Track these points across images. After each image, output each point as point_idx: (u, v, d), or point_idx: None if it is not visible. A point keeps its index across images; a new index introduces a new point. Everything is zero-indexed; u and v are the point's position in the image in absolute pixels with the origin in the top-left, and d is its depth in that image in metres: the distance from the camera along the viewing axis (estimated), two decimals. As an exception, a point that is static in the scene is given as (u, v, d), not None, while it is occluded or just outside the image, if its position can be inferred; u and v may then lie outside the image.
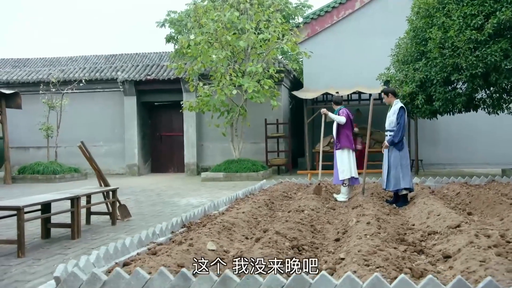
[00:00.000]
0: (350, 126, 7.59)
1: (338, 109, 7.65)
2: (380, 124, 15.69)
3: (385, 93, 7.30)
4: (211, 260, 3.96)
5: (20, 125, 16.50)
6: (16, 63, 27.38)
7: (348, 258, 3.46)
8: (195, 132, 15.67)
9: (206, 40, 12.71)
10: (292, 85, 17.09)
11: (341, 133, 7.51)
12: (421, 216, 5.55)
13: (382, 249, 3.60)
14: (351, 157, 7.49)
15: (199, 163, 15.98)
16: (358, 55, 15.69)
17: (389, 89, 7.37)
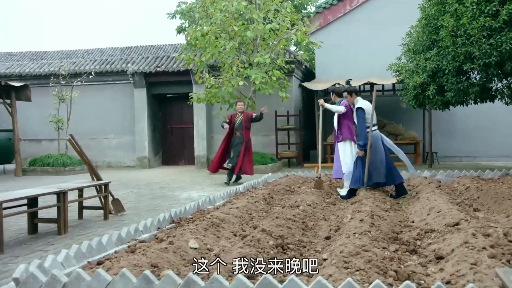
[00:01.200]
0: (351, 117, 7.32)
1: (339, 101, 7.39)
2: (393, 116, 15.37)
3: (348, 93, 7.14)
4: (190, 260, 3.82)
5: (33, 117, 16.58)
6: (34, 56, 27.64)
7: (329, 260, 3.24)
8: (205, 125, 15.52)
9: (214, 31, 12.48)
10: (304, 76, 16.79)
11: (343, 125, 7.26)
12: (421, 213, 5.29)
13: (367, 249, 3.37)
14: (354, 149, 7.23)
15: (209, 156, 15.80)
16: (372, 45, 15.31)
17: (351, 89, 7.17)
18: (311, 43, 13.56)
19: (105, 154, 16.74)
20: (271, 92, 12.67)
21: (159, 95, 16.53)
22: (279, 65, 12.70)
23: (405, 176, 8.26)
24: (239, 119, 10.50)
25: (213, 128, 15.79)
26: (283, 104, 14.47)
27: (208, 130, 15.71)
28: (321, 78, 15.70)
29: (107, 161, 16.74)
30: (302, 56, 14.36)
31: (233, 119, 10.53)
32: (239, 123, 10.47)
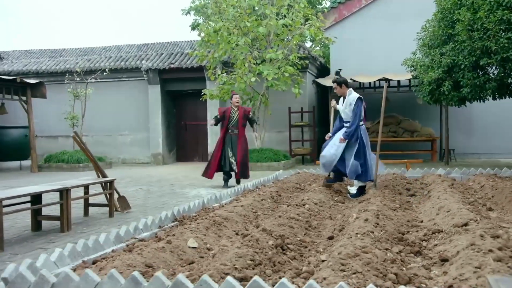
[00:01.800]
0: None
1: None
2: (409, 112, 15.10)
3: (337, 84, 6.85)
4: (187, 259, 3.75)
5: (50, 114, 16.73)
6: (52, 54, 27.92)
7: (326, 261, 3.14)
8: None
9: (226, 27, 12.40)
10: (318, 72, 16.60)
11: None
12: (431, 212, 5.13)
13: (367, 251, 3.25)
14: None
15: (223, 152, 15.78)
16: (387, 40, 15.06)
17: (341, 79, 6.88)
18: (325, 39, 13.38)
19: (120, 151, 16.83)
20: (284, 88, 12.56)
21: (173, 92, 16.53)
22: (292, 61, 12.57)
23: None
24: (235, 115, 9.08)
25: (227, 125, 15.70)
26: (296, 100, 14.33)
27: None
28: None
29: (121, 157, 16.82)
30: (316, 52, 14.19)
31: (227, 114, 9.12)
32: (235, 119, 9.08)
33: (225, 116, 9.08)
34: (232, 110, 9.09)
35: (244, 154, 9.04)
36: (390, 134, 14.62)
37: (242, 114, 9.10)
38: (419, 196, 6.74)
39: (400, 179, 8.12)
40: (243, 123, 9.13)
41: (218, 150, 9.09)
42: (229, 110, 9.12)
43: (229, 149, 8.97)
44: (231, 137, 9.08)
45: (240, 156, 8.92)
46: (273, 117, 14.51)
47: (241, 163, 8.96)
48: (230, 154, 8.93)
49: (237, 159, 8.91)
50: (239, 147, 8.97)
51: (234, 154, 8.94)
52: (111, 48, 27.52)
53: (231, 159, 8.93)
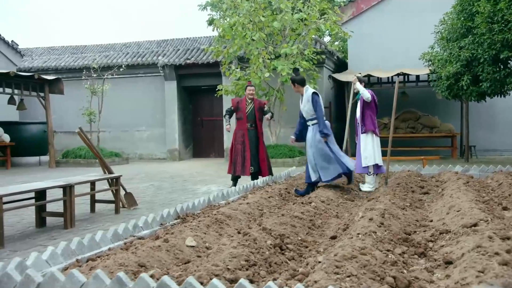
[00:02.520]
0: (375, 108, 6.98)
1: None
2: (428, 108, 14.77)
3: (292, 83, 6.73)
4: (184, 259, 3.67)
5: (69, 110, 16.90)
6: (74, 50, 28.22)
7: (321, 263, 3.02)
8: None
9: (241, 22, 12.29)
10: (336, 67, 16.37)
11: (366, 115, 6.91)
12: (441, 211, 4.95)
13: (365, 252, 3.12)
14: (375, 142, 6.90)
15: (239, 148, 15.72)
16: (406, 34, 14.74)
17: (297, 78, 6.69)
18: (342, 33, 13.16)
19: (137, 147, 16.91)
20: (299, 83, 12.37)
21: (190, 87, 16.51)
22: (308, 56, 12.40)
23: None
24: (250, 107, 8.29)
25: (243, 121, 15.63)
26: (313, 96, 14.11)
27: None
28: (354, 69, 15.25)
29: (138, 153, 16.91)
30: (333, 46, 13.97)
31: (242, 106, 8.35)
32: (250, 112, 8.27)
33: (239, 107, 8.35)
34: (247, 102, 8.34)
35: (265, 152, 8.40)
36: (409, 130, 14.33)
37: (258, 107, 8.33)
38: (432, 194, 6.54)
39: (414, 176, 7.91)
40: (259, 116, 8.32)
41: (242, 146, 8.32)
42: (244, 101, 8.37)
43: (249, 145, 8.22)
44: (249, 131, 8.29)
45: (263, 154, 8.31)
46: (289, 113, 14.35)
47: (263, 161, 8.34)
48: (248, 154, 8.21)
49: (260, 156, 8.28)
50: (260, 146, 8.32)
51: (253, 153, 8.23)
52: (131, 44, 27.63)
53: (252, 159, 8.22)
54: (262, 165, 8.24)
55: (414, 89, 14.66)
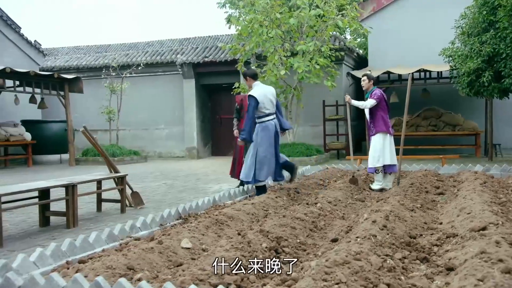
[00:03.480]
0: (386, 107, 6.77)
1: (371, 90, 6.84)
2: (451, 105, 14.37)
3: (244, 77, 6.59)
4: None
5: (90, 108, 17.06)
6: (99, 49, 28.57)
7: (310, 269, 2.88)
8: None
9: (258, 19, 12.16)
10: (356, 64, 16.09)
11: (376, 116, 6.70)
12: (452, 213, 4.75)
13: (359, 258, 2.97)
14: (387, 143, 6.67)
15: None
16: (428, 29, 14.36)
17: (248, 72, 6.55)
18: (360, 28, 12.91)
19: (156, 145, 16.98)
20: (316, 81, 12.19)
21: (208, 86, 16.48)
22: (327, 53, 12.20)
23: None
24: None
25: (261, 119, 15.52)
26: (331, 93, 13.92)
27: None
28: (374, 65, 14.96)
29: (158, 151, 16.97)
30: (354, 44, 13.72)
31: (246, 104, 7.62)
32: None
33: (244, 105, 7.87)
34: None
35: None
36: (430, 128, 13.96)
37: None
38: (448, 195, 6.31)
39: (431, 176, 7.67)
40: None
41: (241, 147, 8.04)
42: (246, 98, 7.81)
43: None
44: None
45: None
46: (307, 111, 14.19)
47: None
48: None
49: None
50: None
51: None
52: (154, 43, 27.82)
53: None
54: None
55: (435, 86, 14.29)
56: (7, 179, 10.09)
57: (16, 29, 16.35)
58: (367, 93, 6.85)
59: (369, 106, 6.62)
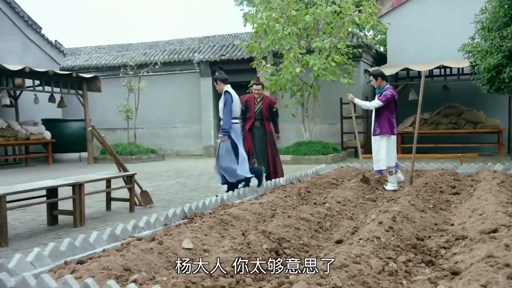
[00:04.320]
0: (394, 108, 6.61)
1: (383, 86, 6.68)
2: (472, 102, 14.02)
3: (214, 81, 6.81)
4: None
5: (109, 107, 17.21)
6: (120, 49, 28.84)
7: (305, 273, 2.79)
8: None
9: (273, 17, 12.07)
10: (374, 61, 15.86)
11: (382, 116, 6.55)
12: (465, 214, 4.59)
13: (359, 261, 2.88)
14: (391, 144, 6.57)
15: (274, 145, 15.55)
16: (448, 25, 14.05)
17: (219, 76, 6.78)
18: (378, 24, 12.69)
19: (174, 143, 17.04)
20: (332, 78, 12.04)
21: (225, 84, 16.42)
22: (345, 50, 12.04)
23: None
24: (259, 106, 7.74)
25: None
26: (349, 91, 13.66)
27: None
28: (393, 62, 14.71)
29: (175, 150, 17.03)
30: (374, 41, 13.51)
31: (250, 104, 7.82)
32: (259, 111, 7.73)
33: (248, 106, 7.78)
34: (255, 100, 7.81)
35: (274, 152, 7.84)
36: (451, 126, 13.65)
37: (266, 105, 7.74)
38: (463, 195, 6.13)
39: (448, 175, 7.48)
40: (268, 115, 7.76)
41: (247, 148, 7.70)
42: (252, 100, 7.85)
43: (255, 145, 7.71)
44: (254, 130, 7.74)
45: (270, 155, 7.75)
46: (324, 109, 14.03)
47: (273, 162, 7.78)
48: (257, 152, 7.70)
49: (268, 158, 7.72)
50: (268, 146, 7.73)
51: (261, 152, 7.71)
52: (174, 41, 27.93)
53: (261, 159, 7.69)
54: (271, 166, 7.75)
55: (456, 83, 13.97)
56: (25, 177, 10.23)
57: (37, 29, 16.58)
58: (377, 90, 6.69)
59: (374, 107, 6.49)
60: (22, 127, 14.20)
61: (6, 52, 15.10)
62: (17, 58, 15.33)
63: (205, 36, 27.70)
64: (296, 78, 12.38)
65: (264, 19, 12.35)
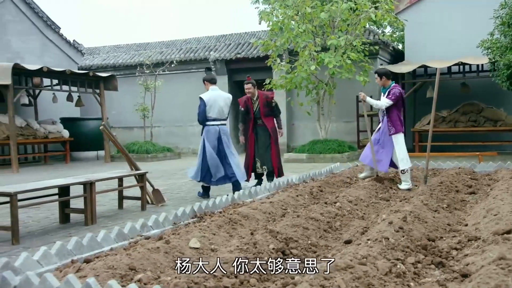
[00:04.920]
0: (401, 106, 6.55)
1: (389, 85, 6.61)
2: (493, 100, 13.74)
3: (203, 81, 7.17)
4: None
5: (126, 106, 17.35)
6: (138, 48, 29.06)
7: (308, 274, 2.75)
8: (285, 111, 15.09)
9: (288, 15, 12.00)
10: (392, 58, 15.67)
11: (394, 115, 6.48)
12: (479, 214, 4.48)
13: (366, 262, 2.82)
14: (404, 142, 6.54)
15: (290, 143, 15.48)
16: (467, 21, 13.80)
17: (206, 77, 7.20)
18: (395, 21, 12.53)
19: (190, 141, 17.09)
20: (348, 76, 11.92)
21: (241, 82, 16.35)
22: (361, 47, 11.91)
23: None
24: (256, 105, 7.64)
25: (294, 115, 15.40)
26: (365, 88, 13.52)
27: (288, 117, 15.35)
28: (411, 59, 14.52)
29: (191, 148, 17.08)
30: (386, 37, 13.34)
31: (249, 104, 7.74)
32: (257, 109, 7.64)
33: (248, 108, 7.72)
34: (252, 100, 7.71)
35: (276, 150, 7.77)
36: (470, 124, 13.40)
37: (264, 102, 7.61)
38: (480, 194, 6.00)
39: (465, 174, 7.33)
40: (266, 112, 7.61)
41: (250, 149, 7.86)
42: (249, 100, 7.74)
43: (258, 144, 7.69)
44: (257, 129, 7.70)
45: (274, 152, 7.69)
46: (340, 107, 13.92)
47: (277, 160, 7.75)
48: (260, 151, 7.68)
49: (270, 157, 7.65)
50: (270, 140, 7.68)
51: (264, 151, 7.66)
52: (191, 40, 28.01)
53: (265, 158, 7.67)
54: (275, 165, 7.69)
55: (475, 80, 13.72)
56: (44, 175, 10.36)
57: (56, 29, 16.78)
58: (383, 89, 6.61)
59: (385, 106, 6.41)
60: (41, 126, 14.40)
61: (26, 52, 15.33)
62: (36, 58, 15.55)
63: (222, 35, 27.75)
64: (312, 76, 12.29)
65: (279, 17, 12.28)
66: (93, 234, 3.68)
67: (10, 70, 11.42)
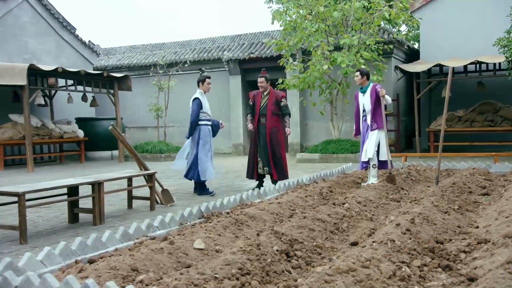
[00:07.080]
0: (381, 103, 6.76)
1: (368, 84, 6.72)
2: (509, 99, 13.49)
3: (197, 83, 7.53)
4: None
5: (140, 106, 17.46)
6: (153, 48, 29.22)
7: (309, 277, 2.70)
8: (298, 111, 15.07)
9: (301, 14, 11.94)
10: (407, 57, 15.49)
11: (378, 111, 6.69)
12: (491, 216, 4.39)
13: (369, 265, 2.77)
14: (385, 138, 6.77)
15: (303, 143, 15.40)
16: (484, 19, 13.56)
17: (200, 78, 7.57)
18: (409, 19, 12.37)
19: (204, 141, 17.07)
20: (361, 75, 11.80)
21: (254, 82, 16.29)
22: (374, 47, 11.79)
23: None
24: (264, 101, 7.37)
25: (307, 115, 15.32)
26: (379, 88, 13.45)
27: (301, 117, 15.27)
28: (426, 58, 14.34)
29: (205, 148, 17.07)
30: (401, 36, 13.19)
31: (257, 99, 7.49)
32: (264, 106, 7.35)
33: (255, 102, 7.46)
34: (262, 95, 7.46)
35: (276, 150, 7.42)
36: (487, 123, 13.17)
37: (274, 100, 7.33)
38: (494, 195, 5.87)
39: (479, 175, 7.19)
40: (273, 110, 7.32)
41: (253, 146, 7.63)
42: (259, 94, 7.48)
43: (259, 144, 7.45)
44: (260, 129, 7.45)
45: (271, 153, 7.39)
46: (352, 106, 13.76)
47: (274, 162, 7.42)
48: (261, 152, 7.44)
49: (268, 157, 7.39)
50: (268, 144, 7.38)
51: (263, 151, 7.42)
52: (206, 40, 28.08)
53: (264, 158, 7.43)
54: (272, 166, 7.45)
55: (492, 79, 13.48)
56: (57, 174, 10.47)
57: (72, 30, 16.94)
58: (363, 88, 6.67)
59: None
60: (56, 126, 14.55)
61: (42, 53, 15.52)
62: (52, 59, 15.72)
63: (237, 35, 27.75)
64: (325, 75, 12.20)
65: (292, 16, 12.22)
66: (97, 235, 3.68)
67: (26, 71, 11.56)
